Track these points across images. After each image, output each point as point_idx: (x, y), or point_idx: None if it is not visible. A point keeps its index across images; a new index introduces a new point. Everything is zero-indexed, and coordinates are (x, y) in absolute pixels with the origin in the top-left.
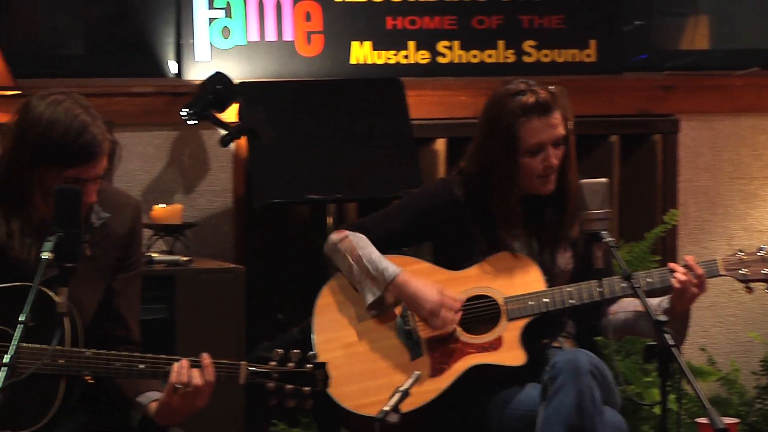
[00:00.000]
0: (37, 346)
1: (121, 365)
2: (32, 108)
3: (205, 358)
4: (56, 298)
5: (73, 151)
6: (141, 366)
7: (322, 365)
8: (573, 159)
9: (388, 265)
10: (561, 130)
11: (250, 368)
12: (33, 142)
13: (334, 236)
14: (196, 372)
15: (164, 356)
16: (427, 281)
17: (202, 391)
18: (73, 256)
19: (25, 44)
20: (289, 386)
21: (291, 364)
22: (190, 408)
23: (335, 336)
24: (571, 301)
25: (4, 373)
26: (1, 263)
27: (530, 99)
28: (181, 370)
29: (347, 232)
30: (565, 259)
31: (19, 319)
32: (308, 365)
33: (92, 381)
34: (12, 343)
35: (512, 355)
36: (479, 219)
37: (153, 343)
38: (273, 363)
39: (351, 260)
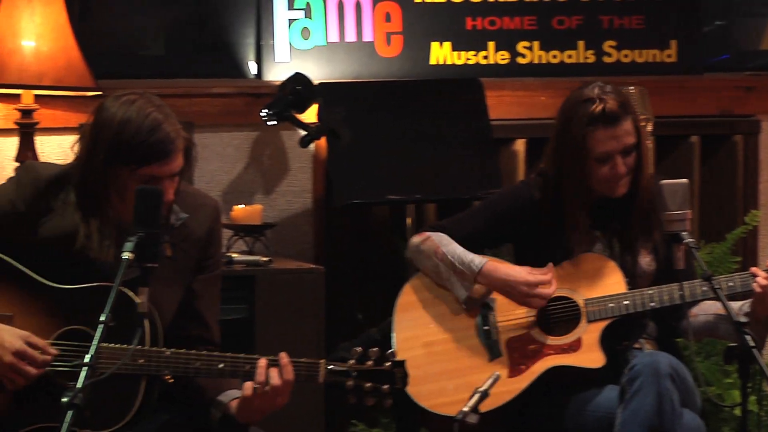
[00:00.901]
0: (117, 346)
1: (200, 365)
2: (106, 109)
3: (283, 357)
4: (137, 299)
5: (146, 149)
6: (220, 365)
7: (401, 363)
8: (646, 163)
9: (474, 257)
10: (629, 139)
11: (329, 366)
12: (106, 143)
13: (416, 239)
14: (274, 371)
15: (243, 355)
16: (514, 265)
17: (281, 390)
18: (153, 256)
19: (106, 45)
20: (368, 384)
21: (370, 362)
22: (270, 406)
23: (415, 334)
24: (651, 304)
25: (85, 372)
26: (80, 264)
27: (597, 108)
28: (258, 369)
29: (428, 233)
30: (647, 261)
31: (100, 319)
32: (387, 363)
33: (172, 381)
34: (92, 342)
35: (591, 357)
36: (558, 221)
37: (233, 344)
38: (352, 361)
39: (436, 259)
